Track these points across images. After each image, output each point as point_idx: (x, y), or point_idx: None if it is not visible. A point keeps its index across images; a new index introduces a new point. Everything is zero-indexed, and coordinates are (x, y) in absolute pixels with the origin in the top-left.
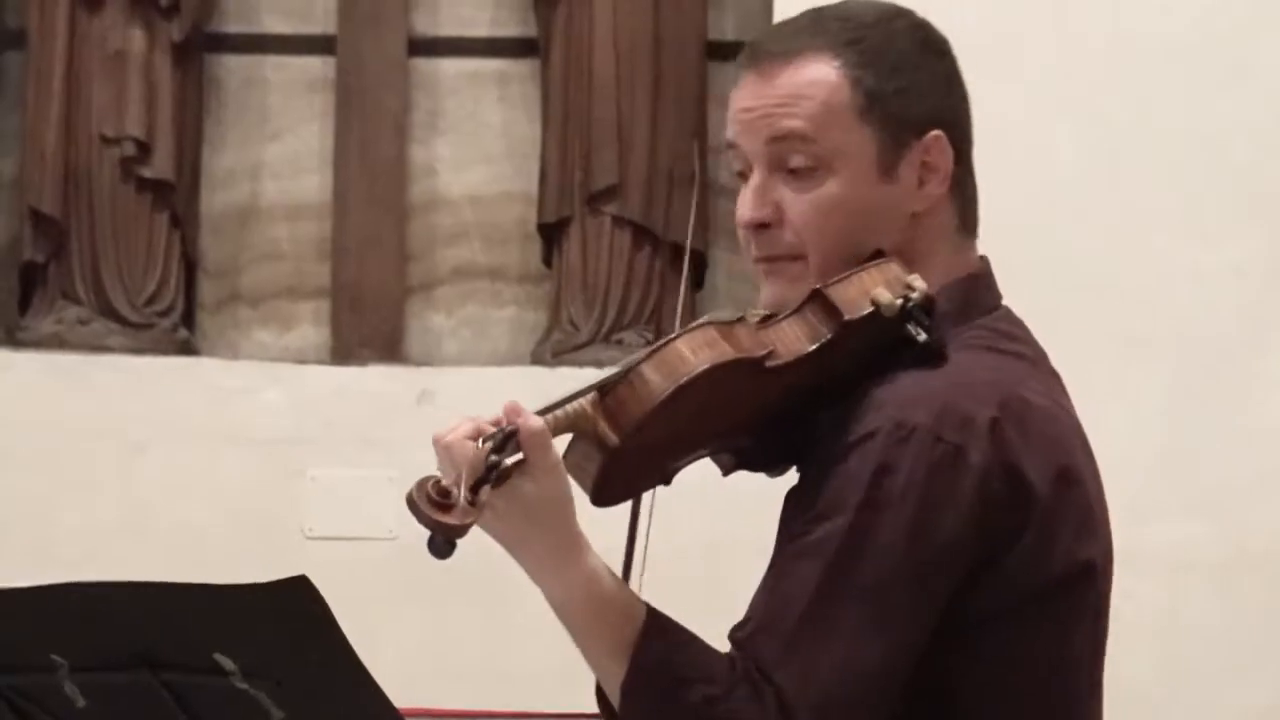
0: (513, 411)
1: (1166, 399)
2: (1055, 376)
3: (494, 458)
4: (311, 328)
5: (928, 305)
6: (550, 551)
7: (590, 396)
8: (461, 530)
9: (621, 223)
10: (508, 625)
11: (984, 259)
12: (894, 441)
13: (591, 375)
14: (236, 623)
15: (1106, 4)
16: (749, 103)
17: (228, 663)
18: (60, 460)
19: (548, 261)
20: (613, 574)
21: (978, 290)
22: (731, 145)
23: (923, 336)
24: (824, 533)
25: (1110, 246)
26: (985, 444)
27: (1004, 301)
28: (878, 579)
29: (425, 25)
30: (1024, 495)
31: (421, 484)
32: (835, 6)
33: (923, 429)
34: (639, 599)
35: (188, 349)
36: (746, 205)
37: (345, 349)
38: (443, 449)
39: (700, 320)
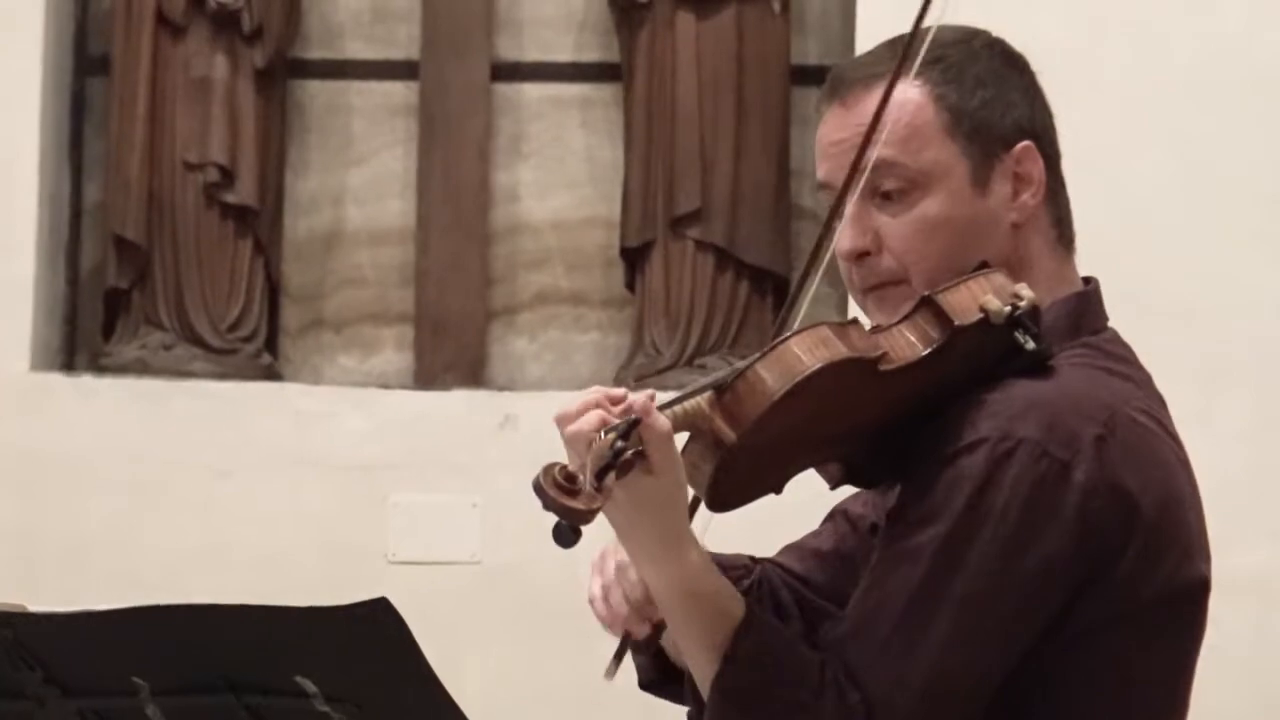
0: (642, 408)
1: (1251, 425)
2: (1161, 401)
3: (620, 444)
4: (394, 353)
5: (1035, 314)
6: (657, 542)
7: (707, 395)
8: (588, 516)
9: (704, 247)
10: (591, 649)
11: (1092, 280)
12: (999, 454)
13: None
14: (318, 645)
15: (1191, 25)
16: (836, 135)
17: (309, 685)
18: (143, 485)
19: (630, 286)
20: (717, 572)
21: (1086, 309)
22: (824, 185)
23: (1030, 345)
24: (923, 540)
25: (1193, 270)
26: (1091, 461)
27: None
28: (972, 592)
29: (508, 50)
30: (1128, 514)
31: (548, 470)
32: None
33: (1029, 442)
34: (740, 598)
35: (271, 374)
36: (845, 236)
37: (428, 374)
38: (569, 436)
39: (814, 322)
